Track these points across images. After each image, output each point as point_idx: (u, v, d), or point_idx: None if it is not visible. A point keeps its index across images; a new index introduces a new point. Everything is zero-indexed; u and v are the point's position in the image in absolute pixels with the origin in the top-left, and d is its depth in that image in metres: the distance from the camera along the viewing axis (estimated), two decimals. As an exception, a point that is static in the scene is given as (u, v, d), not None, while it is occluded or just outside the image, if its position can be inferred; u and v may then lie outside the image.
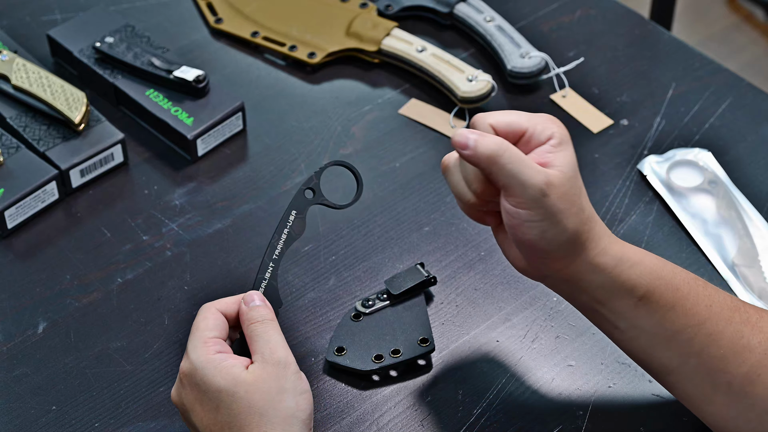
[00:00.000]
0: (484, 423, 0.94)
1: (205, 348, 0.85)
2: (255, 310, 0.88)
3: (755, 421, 0.84)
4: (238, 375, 0.83)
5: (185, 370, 0.85)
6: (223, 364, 0.84)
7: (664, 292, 0.85)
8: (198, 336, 0.86)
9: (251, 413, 0.82)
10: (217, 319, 0.88)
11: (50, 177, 1.09)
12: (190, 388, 0.85)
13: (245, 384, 0.83)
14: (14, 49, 1.19)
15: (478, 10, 1.25)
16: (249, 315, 0.88)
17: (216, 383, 0.83)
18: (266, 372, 0.84)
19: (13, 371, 0.98)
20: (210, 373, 0.84)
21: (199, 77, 1.15)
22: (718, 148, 1.14)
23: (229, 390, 0.83)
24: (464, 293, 1.03)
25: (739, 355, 0.84)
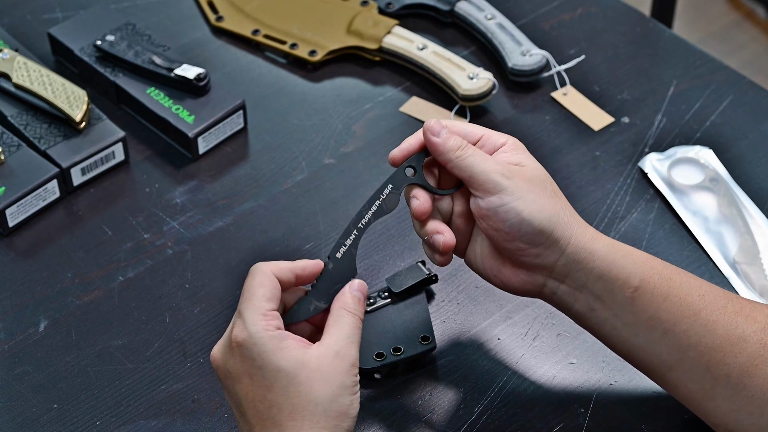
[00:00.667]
0: (485, 420, 0.94)
1: (265, 322, 0.82)
2: (357, 300, 0.86)
3: (756, 413, 0.84)
4: (301, 358, 0.81)
5: (241, 340, 0.82)
6: (285, 343, 0.81)
7: (658, 282, 0.86)
8: (256, 306, 0.83)
9: (308, 401, 0.80)
10: (274, 288, 0.84)
11: (51, 175, 1.09)
12: (242, 360, 0.82)
13: (308, 370, 0.81)
14: (15, 47, 1.19)
15: (479, 7, 1.25)
16: (347, 300, 0.85)
17: (276, 362, 0.81)
18: (332, 364, 0.81)
19: (14, 369, 0.98)
20: (270, 351, 0.81)
21: (200, 75, 1.15)
22: (719, 146, 1.14)
23: (290, 373, 0.81)
24: (465, 291, 1.03)
25: (735, 345, 0.84)
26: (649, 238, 1.07)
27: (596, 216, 1.08)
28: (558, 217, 0.85)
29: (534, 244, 0.86)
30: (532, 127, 1.17)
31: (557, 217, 0.85)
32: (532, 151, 0.93)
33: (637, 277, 0.85)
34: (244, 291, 0.84)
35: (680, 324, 0.85)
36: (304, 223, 1.09)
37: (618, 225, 1.08)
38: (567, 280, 0.87)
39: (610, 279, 0.86)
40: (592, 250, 0.86)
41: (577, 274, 0.86)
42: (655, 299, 0.85)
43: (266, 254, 1.06)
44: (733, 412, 0.85)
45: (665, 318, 0.85)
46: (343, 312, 0.85)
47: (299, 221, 1.09)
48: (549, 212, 0.85)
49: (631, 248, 0.87)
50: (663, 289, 0.86)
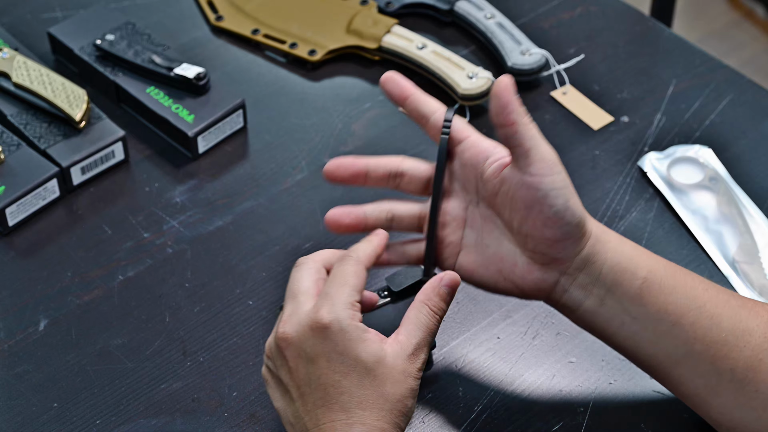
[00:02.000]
0: (485, 420, 0.94)
1: (353, 311, 0.83)
2: (442, 296, 0.86)
3: (759, 408, 0.84)
4: (380, 354, 0.82)
5: (327, 323, 0.82)
6: (366, 335, 0.83)
7: (664, 274, 0.86)
8: (348, 293, 0.84)
9: (379, 394, 0.82)
10: (363, 281, 0.86)
11: (51, 174, 1.09)
12: (324, 342, 0.82)
13: (384, 366, 0.82)
14: (15, 46, 1.19)
15: (479, 7, 1.25)
16: (434, 297, 0.85)
17: (357, 352, 0.82)
18: (404, 366, 0.83)
19: (14, 369, 0.98)
20: (354, 339, 0.82)
21: (199, 75, 1.15)
22: (719, 145, 1.15)
23: (368, 365, 0.82)
24: (465, 290, 1.03)
25: (740, 339, 0.85)
26: (648, 237, 1.07)
27: (596, 215, 1.08)
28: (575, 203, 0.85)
29: (568, 235, 0.85)
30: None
31: (584, 211, 0.86)
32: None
33: (645, 269, 0.86)
34: (335, 276, 0.85)
35: (687, 317, 0.85)
36: (303, 223, 1.09)
37: (617, 224, 1.08)
38: (581, 275, 0.86)
39: (620, 270, 0.86)
40: (605, 242, 0.86)
41: (592, 267, 0.86)
42: (662, 291, 0.86)
43: (266, 253, 1.06)
44: (737, 408, 0.85)
45: (672, 310, 0.85)
46: (424, 308, 0.85)
47: (299, 220, 1.09)
48: (581, 207, 0.85)
49: (636, 244, 0.88)
50: (669, 281, 0.86)
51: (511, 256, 0.88)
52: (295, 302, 0.86)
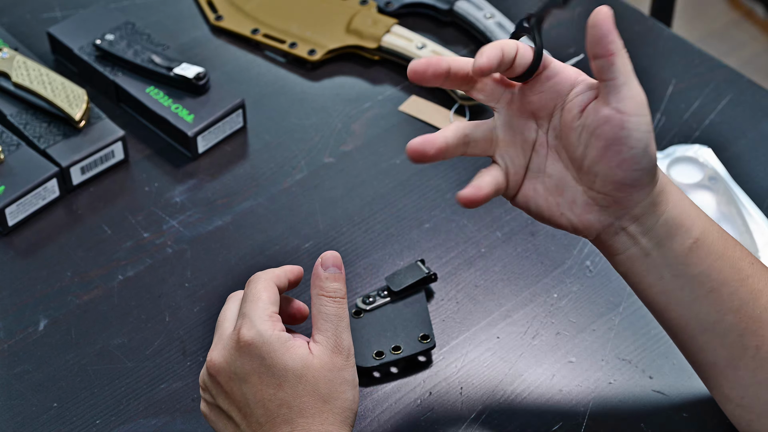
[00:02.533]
0: (484, 420, 0.94)
1: (271, 322, 0.83)
2: (333, 280, 0.85)
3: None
4: (306, 357, 0.82)
5: (249, 339, 0.83)
6: (290, 343, 0.83)
7: (717, 238, 0.84)
8: (262, 308, 0.84)
9: (316, 398, 0.82)
10: (275, 294, 0.86)
11: (51, 174, 1.09)
12: (251, 359, 0.83)
13: (313, 369, 0.82)
14: (15, 46, 1.19)
15: (478, 6, 1.25)
16: (325, 284, 0.85)
17: (284, 361, 0.82)
18: (333, 361, 0.83)
19: (14, 368, 0.98)
20: (279, 350, 0.82)
21: (199, 74, 1.15)
22: (718, 145, 1.15)
23: (297, 371, 0.82)
24: (465, 290, 1.03)
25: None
26: (648, 236, 1.07)
27: (595, 215, 1.09)
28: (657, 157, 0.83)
29: (638, 180, 0.82)
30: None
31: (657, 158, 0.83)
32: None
33: (699, 229, 0.84)
34: (247, 296, 0.85)
35: (727, 286, 0.84)
36: (303, 222, 1.09)
37: (617, 224, 1.08)
38: (636, 223, 0.84)
39: (675, 225, 0.83)
40: (668, 193, 0.84)
41: (650, 217, 0.83)
42: (710, 255, 0.84)
43: (266, 253, 1.06)
44: (753, 386, 0.84)
45: (715, 277, 0.84)
46: (323, 300, 0.85)
47: (299, 220, 1.09)
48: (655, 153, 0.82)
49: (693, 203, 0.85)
50: (719, 246, 0.84)
51: (572, 192, 0.84)
52: (219, 330, 0.86)
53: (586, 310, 1.01)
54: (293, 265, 0.89)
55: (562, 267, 1.05)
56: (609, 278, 1.04)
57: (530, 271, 1.04)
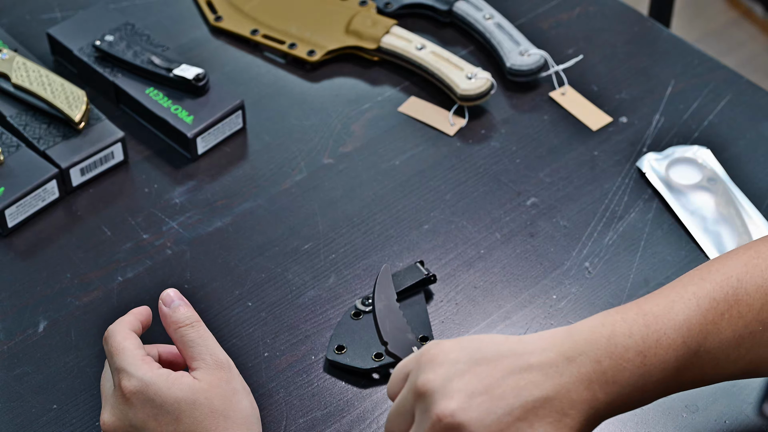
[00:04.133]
0: (483, 421, 0.94)
1: (147, 364, 0.85)
2: (179, 311, 0.88)
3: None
4: (193, 384, 0.84)
5: (132, 389, 0.84)
6: (173, 376, 0.84)
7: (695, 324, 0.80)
8: (132, 354, 0.85)
9: (215, 417, 0.83)
10: (136, 339, 0.87)
11: (50, 176, 1.09)
12: (142, 405, 0.84)
13: (202, 391, 0.84)
14: (14, 47, 1.19)
15: (477, 7, 1.25)
16: (174, 318, 0.88)
17: (173, 395, 0.83)
18: (216, 377, 0.85)
19: (13, 370, 0.99)
20: (164, 386, 0.83)
21: (198, 75, 1.15)
22: (717, 146, 1.15)
23: (188, 399, 0.83)
24: (464, 291, 1.03)
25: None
26: (647, 238, 1.07)
27: (594, 216, 1.09)
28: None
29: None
30: (530, 126, 1.17)
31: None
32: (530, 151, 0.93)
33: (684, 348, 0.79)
34: (111, 352, 0.86)
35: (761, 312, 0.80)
36: (303, 223, 1.09)
37: (616, 225, 1.08)
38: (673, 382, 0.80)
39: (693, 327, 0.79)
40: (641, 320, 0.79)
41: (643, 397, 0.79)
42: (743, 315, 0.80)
43: (265, 254, 1.06)
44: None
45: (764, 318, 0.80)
46: (181, 331, 0.87)
47: (298, 221, 1.09)
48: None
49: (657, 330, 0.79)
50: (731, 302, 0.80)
51: None
52: (103, 393, 0.88)
53: (585, 312, 1.01)
54: (138, 308, 0.91)
55: (561, 268, 1.05)
56: (608, 280, 1.04)
57: (529, 273, 1.04)
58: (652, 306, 0.79)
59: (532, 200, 1.10)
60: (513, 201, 1.10)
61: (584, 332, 0.77)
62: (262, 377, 0.98)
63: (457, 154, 1.15)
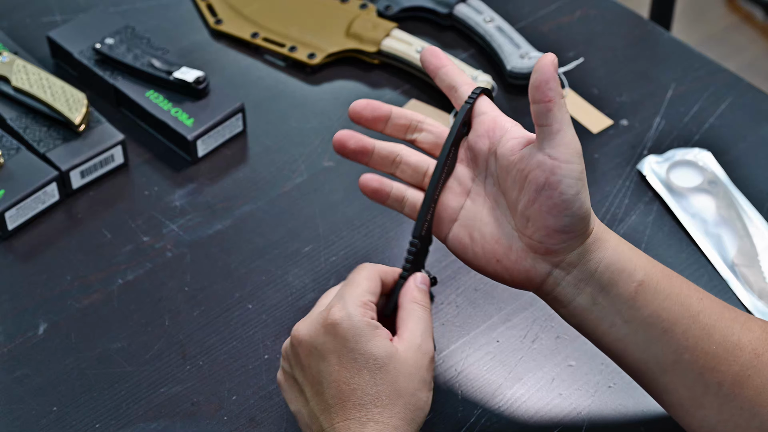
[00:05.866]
0: (484, 423, 0.94)
1: (363, 309, 0.84)
2: (423, 293, 0.87)
3: (743, 425, 0.84)
4: (391, 349, 0.83)
5: (337, 319, 0.83)
6: (377, 331, 0.83)
7: (661, 278, 0.85)
8: (359, 293, 0.85)
9: (392, 390, 0.82)
10: (377, 286, 0.87)
11: (51, 178, 1.09)
12: (336, 340, 0.83)
13: (396, 361, 0.82)
14: (14, 50, 1.19)
15: (478, 10, 1.25)
16: (416, 294, 0.87)
17: (368, 348, 0.82)
18: (415, 358, 0.83)
19: (13, 372, 0.98)
20: (365, 336, 0.82)
21: (199, 78, 1.15)
22: (718, 148, 1.15)
23: (380, 360, 0.82)
24: (464, 294, 1.03)
25: (730, 353, 0.84)
26: (647, 240, 1.07)
27: (595, 218, 1.09)
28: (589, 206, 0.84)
29: (570, 227, 0.83)
30: (530, 129, 1.17)
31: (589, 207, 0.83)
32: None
33: (642, 271, 0.85)
34: (349, 280, 0.87)
35: (679, 324, 0.84)
36: (303, 226, 1.09)
37: (616, 227, 1.08)
38: (575, 270, 0.85)
39: (616, 270, 0.84)
40: (604, 240, 0.85)
41: (588, 264, 0.84)
42: (657, 296, 0.84)
43: (265, 257, 1.06)
44: (721, 423, 0.84)
45: (665, 317, 0.84)
46: (415, 306, 0.86)
47: (298, 224, 1.09)
48: (588, 202, 0.83)
49: (634, 247, 0.87)
50: (665, 286, 0.85)
51: (508, 238, 0.86)
52: (315, 307, 0.88)
53: (585, 314, 1.01)
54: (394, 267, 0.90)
55: (561, 271, 1.05)
56: (609, 282, 1.04)
57: (530, 275, 1.04)
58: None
59: (533, 203, 1.10)
60: (513, 204, 1.10)
61: None
62: (262, 379, 0.97)
63: (457, 156, 1.14)
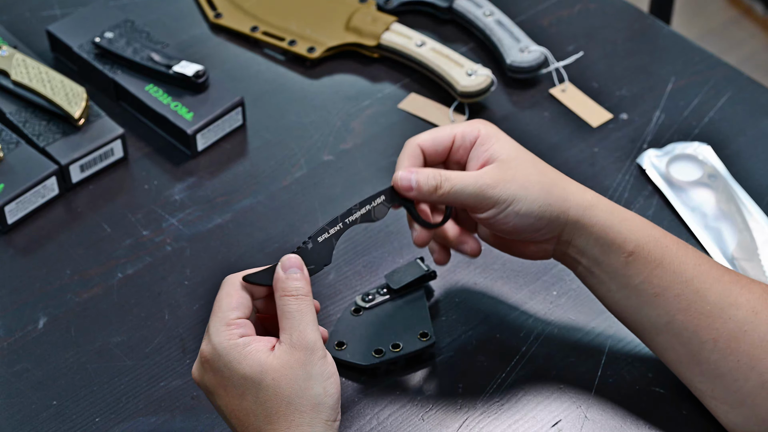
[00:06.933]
0: (484, 417, 0.94)
1: (228, 332, 0.83)
2: (292, 280, 0.84)
3: (741, 379, 0.86)
4: (264, 361, 0.81)
5: (207, 355, 0.83)
6: (248, 349, 0.82)
7: (653, 248, 0.89)
8: (220, 317, 0.84)
9: (279, 401, 0.81)
10: (241, 297, 0.85)
11: (50, 172, 1.09)
12: (213, 373, 0.83)
13: (272, 371, 0.81)
14: (14, 44, 1.19)
15: (478, 4, 1.25)
16: (285, 284, 0.84)
17: (241, 370, 0.81)
18: (293, 357, 0.82)
19: (13, 366, 0.98)
20: (234, 360, 0.82)
21: (198, 72, 1.15)
22: (718, 142, 1.15)
23: (255, 378, 0.81)
24: (464, 288, 1.03)
25: (725, 311, 0.87)
26: (647, 234, 1.07)
27: (595, 212, 1.09)
28: (551, 196, 0.89)
29: (537, 229, 0.90)
30: (530, 123, 1.17)
31: (551, 197, 0.89)
32: (530, 148, 0.93)
33: (632, 243, 0.89)
34: (214, 305, 0.85)
35: (672, 289, 0.88)
36: (302, 220, 1.09)
37: (616, 221, 1.08)
38: (570, 246, 0.91)
39: (606, 243, 0.89)
40: (591, 216, 0.90)
41: (579, 240, 0.90)
42: (647, 265, 0.88)
43: (265, 251, 1.06)
44: (719, 378, 0.87)
45: (656, 283, 0.88)
46: (285, 300, 0.84)
47: (298, 218, 1.09)
48: (543, 198, 0.89)
49: (632, 214, 0.91)
50: (657, 255, 0.89)
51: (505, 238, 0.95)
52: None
53: (585, 308, 1.01)
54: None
55: (561, 264, 1.04)
56: (608, 276, 1.04)
57: (529, 269, 1.04)
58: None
59: (533, 197, 1.10)
60: (513, 197, 1.10)
61: None
62: (262, 373, 0.97)
63: (457, 150, 1.15)
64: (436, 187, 0.89)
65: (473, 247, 0.95)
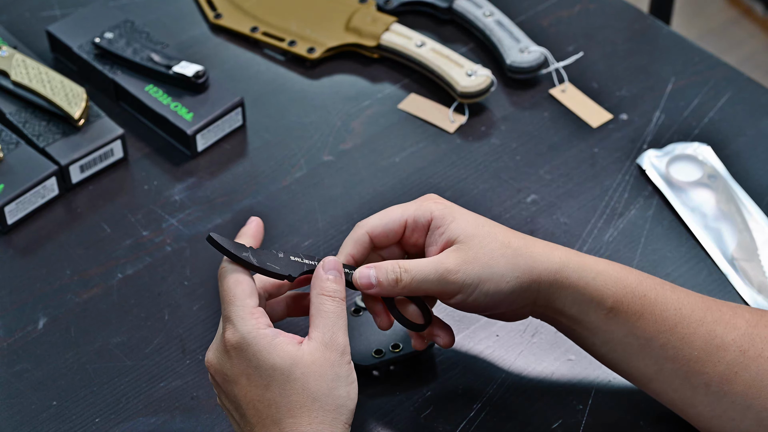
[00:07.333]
0: (484, 417, 0.94)
1: (253, 320, 0.82)
2: (333, 282, 0.85)
3: (738, 418, 0.85)
4: (295, 354, 0.81)
5: (234, 342, 0.82)
6: (277, 340, 0.82)
7: (632, 300, 0.86)
8: (241, 306, 0.83)
9: (304, 396, 0.81)
10: (250, 284, 0.84)
11: (50, 173, 1.09)
12: (239, 361, 0.82)
13: (302, 365, 0.81)
14: (14, 44, 1.19)
15: (477, 4, 1.25)
16: (324, 284, 0.85)
17: (271, 361, 0.81)
18: (324, 356, 0.82)
19: (13, 367, 0.98)
20: (264, 350, 0.81)
21: (198, 73, 1.15)
22: (718, 143, 1.15)
23: (284, 369, 0.81)
24: (464, 288, 1.03)
25: (713, 355, 0.85)
26: (647, 234, 1.07)
27: (594, 213, 1.09)
28: (518, 268, 0.86)
29: (511, 302, 0.87)
30: (530, 124, 1.17)
31: (518, 269, 0.86)
32: (531, 148, 0.93)
33: (610, 299, 0.86)
34: (222, 297, 0.85)
35: (657, 339, 0.86)
36: (302, 221, 1.09)
37: (616, 222, 1.08)
38: (548, 308, 0.88)
39: (584, 302, 0.87)
40: (563, 279, 0.87)
41: (555, 302, 0.87)
42: (629, 318, 0.86)
43: (265, 251, 1.06)
44: (715, 419, 0.86)
45: (640, 335, 0.86)
46: (322, 299, 0.84)
47: (298, 218, 1.09)
48: (510, 273, 0.86)
49: (604, 263, 0.88)
50: (637, 307, 0.86)
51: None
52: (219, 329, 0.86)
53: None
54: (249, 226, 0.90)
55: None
56: (608, 276, 1.04)
57: (529, 269, 1.04)
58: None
59: (533, 197, 1.10)
60: (513, 198, 1.10)
61: None
62: (262, 374, 0.97)
63: (457, 151, 1.15)
64: (396, 281, 0.86)
65: (446, 341, 0.91)
